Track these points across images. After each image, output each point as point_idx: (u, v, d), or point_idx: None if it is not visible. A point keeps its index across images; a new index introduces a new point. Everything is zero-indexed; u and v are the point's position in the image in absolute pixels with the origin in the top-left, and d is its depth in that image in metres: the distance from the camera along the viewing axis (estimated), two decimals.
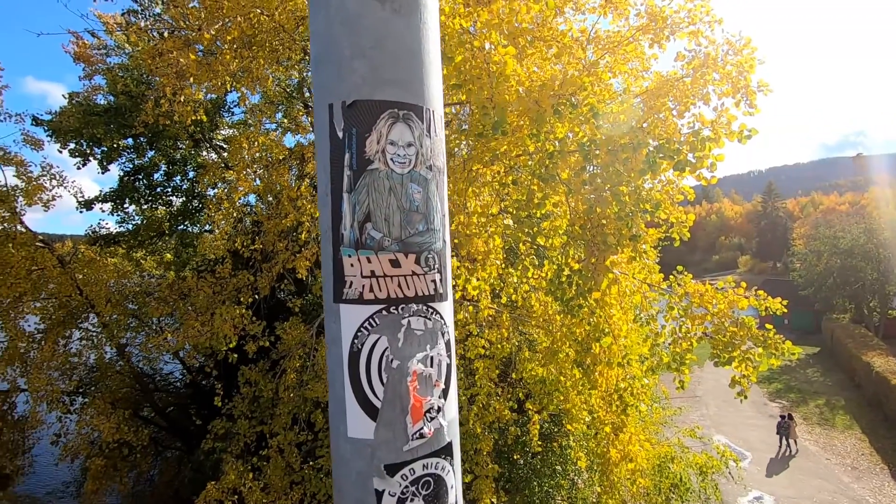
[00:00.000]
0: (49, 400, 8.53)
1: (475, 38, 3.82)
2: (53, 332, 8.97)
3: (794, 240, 51.18)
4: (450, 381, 0.91)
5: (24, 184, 8.72)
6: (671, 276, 4.34)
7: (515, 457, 7.87)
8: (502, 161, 4.68)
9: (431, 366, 0.87)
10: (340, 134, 0.83)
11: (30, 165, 8.77)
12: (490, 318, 6.30)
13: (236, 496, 5.74)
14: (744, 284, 4.07)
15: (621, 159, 3.48)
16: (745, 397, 3.84)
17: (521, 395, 6.80)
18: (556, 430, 8.27)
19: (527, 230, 4.62)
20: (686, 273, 4.30)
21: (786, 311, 3.84)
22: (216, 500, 5.61)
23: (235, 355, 6.23)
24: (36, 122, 9.94)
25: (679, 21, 4.09)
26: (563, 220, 4.74)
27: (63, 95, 10.47)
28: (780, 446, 16.22)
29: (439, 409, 0.88)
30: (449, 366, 0.91)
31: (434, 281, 0.88)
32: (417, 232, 0.86)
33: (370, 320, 0.84)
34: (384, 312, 0.84)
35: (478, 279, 5.64)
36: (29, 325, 9.08)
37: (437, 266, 0.89)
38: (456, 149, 6.86)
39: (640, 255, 4.05)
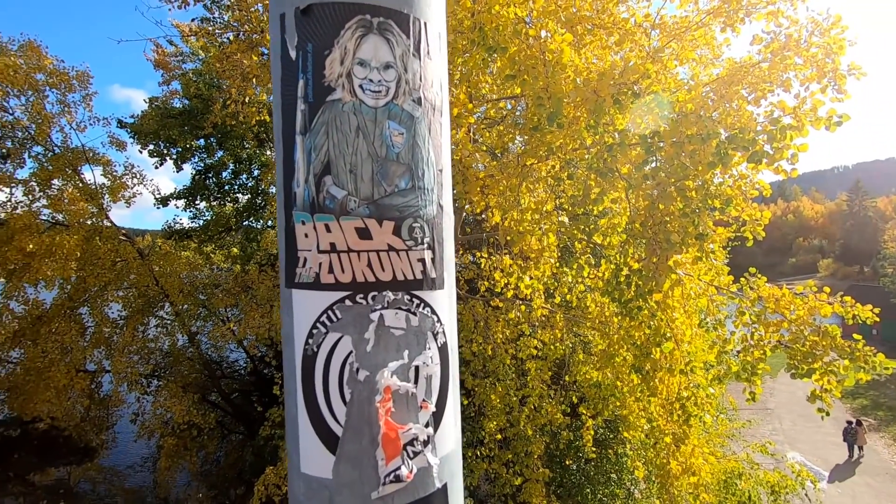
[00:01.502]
0: (129, 381, 9.21)
1: (531, 27, 3.63)
2: (133, 319, 9.62)
3: (885, 242, 47.22)
4: (445, 401, 0.65)
5: (109, 182, 9.43)
6: (742, 279, 3.99)
7: (568, 462, 7.61)
8: (558, 155, 4.43)
9: (416, 380, 0.62)
10: (293, 53, 0.60)
11: (115, 165, 9.49)
12: (543, 318, 6.07)
13: None
14: (827, 289, 3.64)
15: (688, 152, 3.19)
16: (828, 413, 3.38)
17: (574, 398, 6.51)
18: (611, 436, 7.91)
19: (583, 227, 4.39)
20: (759, 276, 3.88)
21: (877, 319, 3.39)
22: (274, 484, 5.77)
23: None
24: (121, 125, 10.73)
25: (756, 1, 3.64)
26: (622, 216, 4.50)
27: (144, 100, 11.24)
28: (850, 455, 15.12)
29: (426, 442, 0.62)
30: (445, 380, 0.66)
31: (422, 260, 0.63)
32: (397, 190, 0.61)
33: (329, 313, 0.60)
34: (348, 302, 0.60)
35: (531, 278, 5.40)
36: (112, 313, 9.83)
37: (427, 240, 0.64)
38: (511, 144, 6.64)
39: (706, 255, 3.71)
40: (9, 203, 8.73)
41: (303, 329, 0.61)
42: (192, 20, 10.56)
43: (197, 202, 11.67)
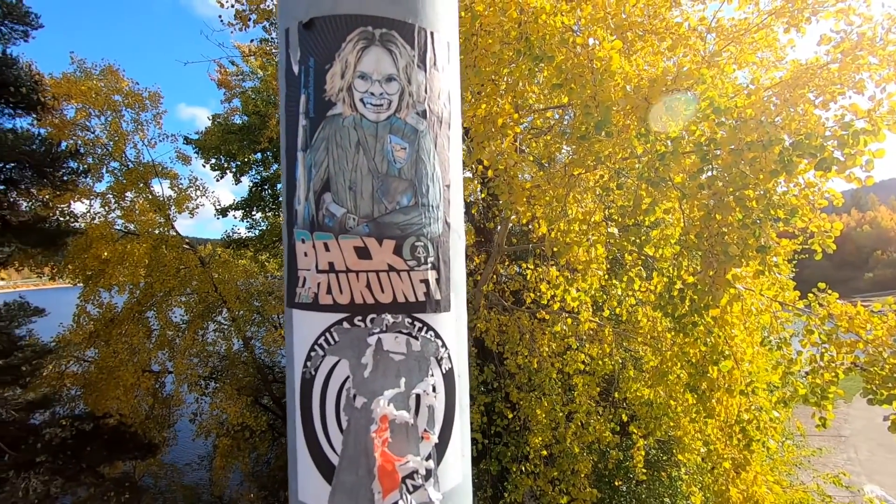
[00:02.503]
0: (189, 382, 9.73)
1: (578, 35, 3.57)
2: (194, 324, 10.16)
3: None
4: (450, 431, 0.61)
5: (175, 194, 10.06)
6: (810, 295, 3.66)
7: (617, 483, 7.30)
8: (606, 165, 4.33)
9: (416, 409, 0.58)
10: (296, 68, 0.59)
11: (181, 179, 10.14)
12: (591, 332, 5.88)
13: None
14: None
15: (747, 159, 3.02)
16: None
17: (624, 416, 6.25)
18: (664, 458, 7.51)
19: (633, 239, 4.22)
20: (830, 291, 3.57)
21: None
22: None
23: None
24: (186, 141, 11.48)
25: None
26: (675, 227, 4.30)
27: (207, 118, 11.97)
28: None
29: (427, 476, 0.58)
30: (450, 409, 0.61)
31: (425, 281, 0.60)
32: (399, 207, 0.58)
33: (327, 335, 0.58)
34: (345, 325, 0.58)
35: (578, 290, 5.26)
36: (176, 317, 10.40)
37: (431, 259, 0.60)
38: (558, 154, 6.53)
39: (769, 268, 3.46)
40: (88, 214, 9.50)
41: (302, 351, 0.59)
42: (252, 41, 11.18)
43: (253, 213, 12.25)
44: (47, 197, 8.98)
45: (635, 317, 5.57)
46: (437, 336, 0.61)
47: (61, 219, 9.45)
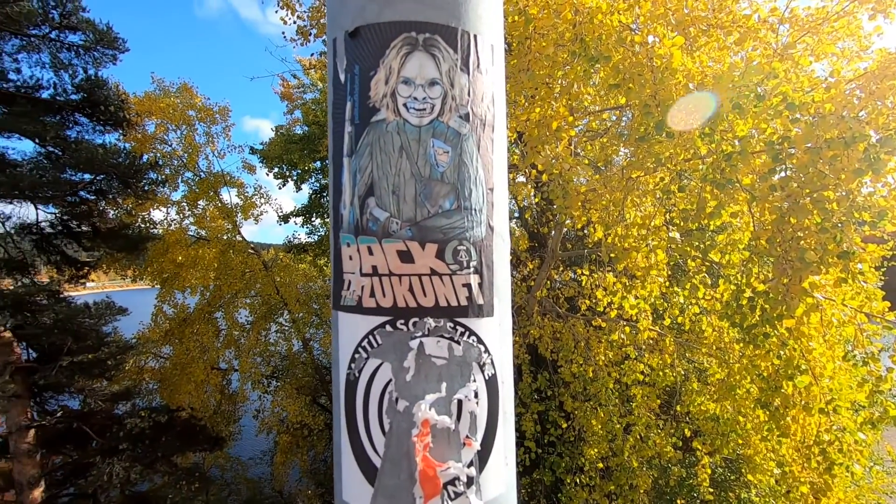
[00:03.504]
0: (253, 380, 10.24)
1: (637, 34, 3.47)
2: (258, 325, 10.69)
3: None
4: (493, 439, 0.59)
5: (242, 202, 10.67)
6: None
7: (679, 502, 6.91)
8: (667, 167, 4.15)
9: (458, 414, 0.57)
10: (342, 76, 0.60)
11: (247, 187, 10.75)
12: (651, 342, 5.62)
13: None
14: None
15: (826, 158, 2.80)
16: None
17: (687, 431, 5.91)
18: (732, 478, 7.04)
19: (697, 244, 4.01)
20: None
21: None
22: None
23: None
24: (252, 151, 12.15)
25: None
26: (743, 232, 4.05)
27: (271, 129, 12.61)
28: None
29: (469, 483, 0.56)
30: (493, 416, 0.60)
31: (468, 285, 0.59)
32: (441, 211, 0.58)
33: (370, 337, 0.58)
34: (388, 328, 0.58)
35: (637, 297, 5.05)
36: (241, 318, 10.99)
37: (473, 263, 0.59)
38: (615, 156, 6.34)
39: (853, 276, 3.17)
40: (165, 221, 10.26)
41: (346, 353, 0.60)
42: (312, 55, 11.66)
43: (313, 219, 12.75)
44: (130, 206, 9.81)
45: (699, 326, 5.28)
46: (480, 341, 0.60)
47: (142, 225, 10.27)
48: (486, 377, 0.60)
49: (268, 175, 12.13)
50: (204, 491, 10.93)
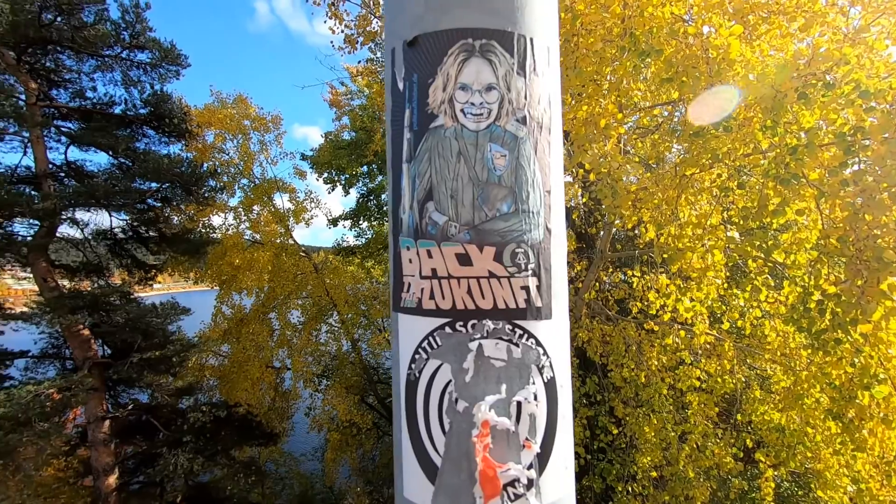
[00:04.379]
0: (304, 379, 10.61)
1: (690, 25, 3.34)
2: (309, 325, 11.04)
3: None
4: (552, 442, 0.59)
5: (294, 206, 11.07)
6: None
7: None
8: (725, 163, 3.96)
9: (517, 416, 0.57)
10: (401, 84, 0.62)
11: (298, 192, 11.15)
12: (708, 346, 5.37)
13: None
14: None
15: None
16: None
17: (749, 441, 5.59)
18: (799, 493, 6.59)
19: (758, 243, 3.79)
20: None
21: None
22: None
23: None
24: (302, 157, 12.59)
25: None
26: (810, 230, 3.79)
27: (320, 135, 13.05)
28: None
29: (529, 485, 0.56)
30: (552, 420, 0.59)
31: (526, 288, 0.59)
32: (499, 214, 0.58)
33: (430, 339, 0.60)
34: (447, 329, 0.59)
35: (692, 299, 4.84)
36: (293, 318, 11.39)
37: (531, 266, 0.59)
38: (667, 153, 6.11)
39: None
40: (223, 226, 10.81)
41: (406, 354, 0.61)
42: (359, 62, 11.95)
43: (360, 222, 13.05)
44: (192, 212, 10.41)
45: (761, 330, 4.99)
46: (538, 344, 0.60)
47: (203, 230, 10.87)
48: (545, 380, 0.60)
49: (317, 180, 12.57)
50: (260, 484, 11.41)
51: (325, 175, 12.45)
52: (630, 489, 5.74)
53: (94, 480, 8.68)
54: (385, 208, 12.97)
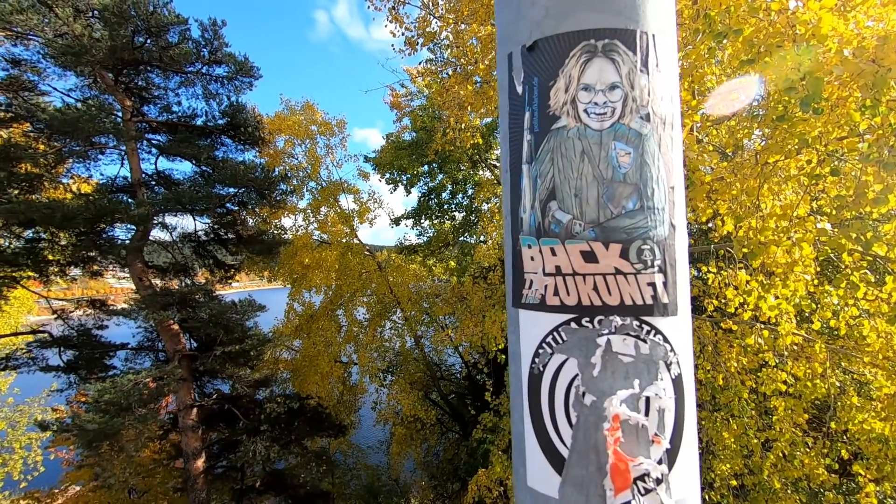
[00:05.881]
0: (370, 374, 10.96)
1: (773, 0, 3.11)
2: (374, 322, 11.39)
3: None
4: (680, 439, 0.59)
5: (358, 207, 11.45)
6: None
7: None
8: (815, 148, 3.67)
9: (647, 411, 0.58)
10: (519, 88, 0.64)
11: (362, 193, 11.52)
12: (796, 347, 4.98)
13: (502, 487, 6.13)
14: None
15: None
16: None
17: (844, 452, 5.14)
18: None
19: (855, 235, 3.47)
20: None
21: None
22: (485, 486, 6.09)
23: (503, 356, 6.65)
24: (366, 159, 12.97)
25: None
26: None
27: (382, 137, 13.36)
28: None
29: (659, 480, 0.56)
30: (680, 416, 0.59)
31: (653, 284, 0.59)
32: (625, 212, 0.59)
33: (555, 334, 0.61)
34: (573, 325, 0.60)
35: (776, 297, 4.51)
36: (359, 315, 11.80)
37: (657, 262, 0.59)
38: (746, 140, 5.73)
39: None
40: (293, 227, 11.39)
41: (528, 348, 0.63)
42: (420, 63, 12.14)
43: (422, 221, 13.26)
44: (266, 214, 11.04)
45: (859, 331, 4.57)
46: (666, 340, 0.60)
47: (275, 232, 11.50)
48: (673, 376, 0.60)
49: (380, 181, 12.88)
50: (330, 473, 11.94)
51: (388, 175, 12.76)
52: (708, 497, 5.46)
53: (184, 463, 9.46)
54: (445, 206, 13.09)
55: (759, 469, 5.11)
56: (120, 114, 8.76)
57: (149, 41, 8.55)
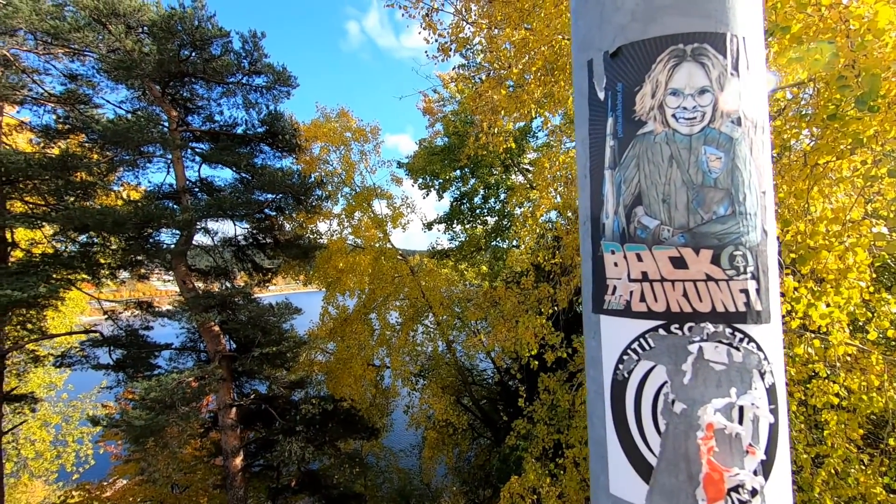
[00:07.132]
0: (402, 377, 11.03)
1: None
2: (406, 326, 11.46)
3: None
4: (775, 450, 0.57)
5: (391, 212, 11.58)
6: None
7: None
8: (870, 148, 3.50)
9: (740, 421, 0.56)
10: (601, 94, 0.63)
11: (395, 199, 11.64)
12: (849, 358, 4.73)
13: (535, 495, 6.05)
14: None
15: None
16: None
17: None
18: None
19: None
20: None
21: None
22: (518, 494, 6.02)
23: (536, 362, 6.60)
24: (399, 165, 13.12)
25: None
26: None
27: (414, 143, 13.48)
28: None
29: (755, 492, 0.55)
30: (775, 427, 0.57)
31: (745, 291, 0.58)
32: (716, 217, 0.58)
33: (641, 340, 0.60)
34: (662, 332, 0.59)
35: (828, 305, 4.30)
36: (392, 319, 11.90)
37: (750, 269, 0.58)
38: (793, 141, 5.51)
39: None
40: (328, 231, 11.61)
41: (612, 354, 0.63)
42: (452, 69, 12.21)
43: (454, 226, 13.30)
44: (302, 219, 11.30)
45: None
46: (759, 348, 0.58)
47: (311, 236, 11.75)
48: (767, 385, 0.58)
49: (413, 186, 13.03)
50: (363, 475, 12.06)
51: (420, 181, 12.87)
52: None
53: (223, 460, 9.74)
54: (477, 211, 13.07)
55: (810, 486, 4.86)
56: (166, 124, 9.17)
57: (193, 54, 8.92)
